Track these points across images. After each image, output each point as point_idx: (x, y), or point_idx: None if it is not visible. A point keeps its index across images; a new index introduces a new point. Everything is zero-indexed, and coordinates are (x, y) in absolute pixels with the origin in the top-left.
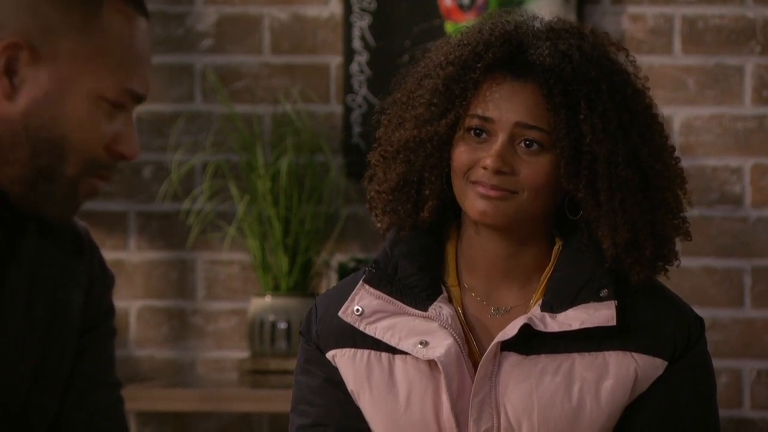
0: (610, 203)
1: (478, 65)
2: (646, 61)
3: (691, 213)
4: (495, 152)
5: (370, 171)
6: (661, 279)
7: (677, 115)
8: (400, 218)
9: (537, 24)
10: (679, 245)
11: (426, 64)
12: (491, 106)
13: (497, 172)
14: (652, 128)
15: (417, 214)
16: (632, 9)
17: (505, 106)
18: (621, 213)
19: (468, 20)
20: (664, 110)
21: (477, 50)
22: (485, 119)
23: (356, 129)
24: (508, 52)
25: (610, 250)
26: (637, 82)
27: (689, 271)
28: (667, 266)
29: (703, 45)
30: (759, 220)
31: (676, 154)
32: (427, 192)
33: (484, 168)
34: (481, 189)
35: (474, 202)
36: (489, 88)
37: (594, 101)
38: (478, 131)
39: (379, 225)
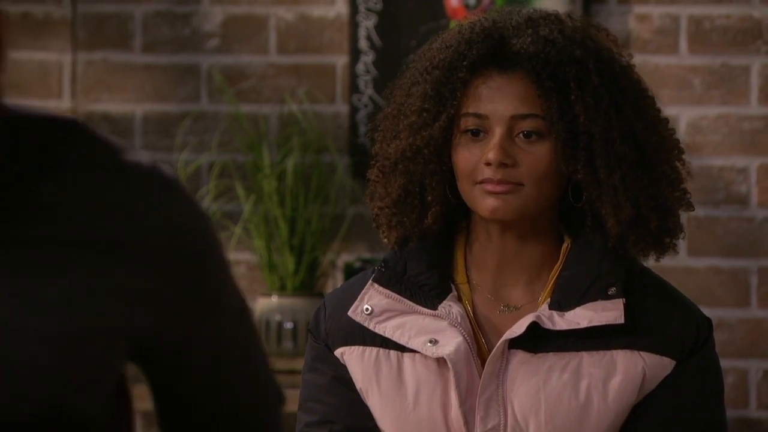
0: (611, 180)
1: (464, 63)
2: (652, 61)
3: (697, 213)
4: (495, 145)
5: (371, 188)
6: (669, 277)
7: (683, 115)
8: (407, 230)
9: (515, 17)
10: (684, 245)
11: (411, 74)
12: (484, 103)
13: (500, 164)
14: (644, 102)
15: (423, 223)
16: (638, 9)
17: (497, 101)
18: (622, 189)
19: None
20: (670, 110)
21: (460, 49)
22: (480, 116)
23: (362, 129)
24: (491, 47)
25: (614, 228)
26: (622, 59)
27: (695, 271)
28: (674, 241)
29: (709, 45)
30: (765, 220)
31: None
32: (429, 198)
33: (487, 164)
34: (488, 186)
35: (484, 202)
36: (478, 85)
37: (583, 81)
38: (475, 132)
39: (386, 240)
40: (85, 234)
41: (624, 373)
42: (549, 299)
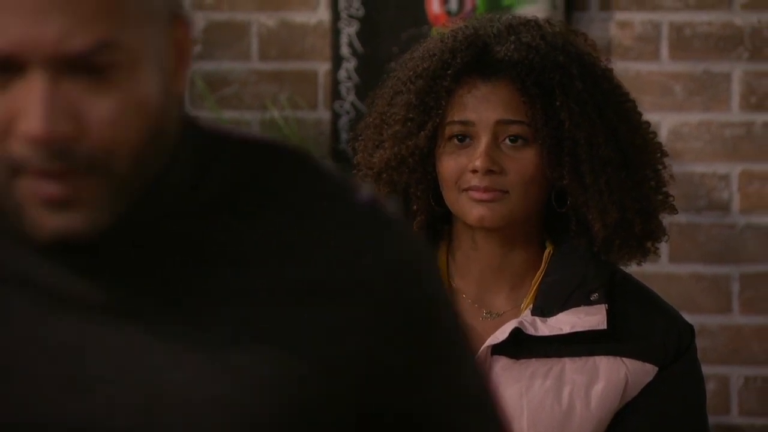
0: (596, 185)
1: (448, 72)
2: (633, 68)
3: (679, 219)
4: (482, 152)
5: None
6: (650, 284)
7: (665, 122)
8: None
9: (496, 24)
10: (665, 252)
11: (394, 83)
12: (469, 110)
13: (487, 171)
14: (626, 105)
15: None
16: (620, 16)
17: (482, 108)
18: (608, 193)
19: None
20: (652, 116)
21: (444, 58)
22: (465, 123)
23: (344, 135)
24: (474, 55)
25: (601, 232)
26: (601, 64)
27: (677, 278)
28: (656, 245)
29: (690, 51)
30: (747, 227)
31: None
32: (414, 207)
33: (474, 171)
34: (474, 194)
35: (471, 209)
36: (463, 94)
37: (567, 86)
38: (460, 137)
39: None
40: (284, 283)
41: (606, 380)
42: (532, 305)
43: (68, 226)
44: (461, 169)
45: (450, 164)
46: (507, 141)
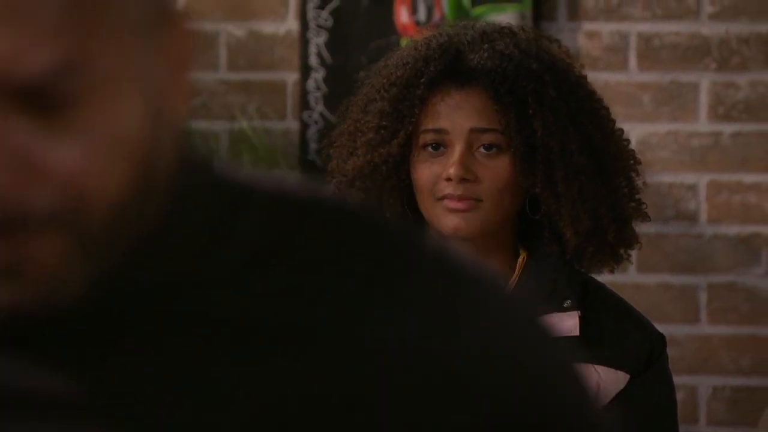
0: (569, 193)
1: (422, 80)
2: (601, 78)
3: (647, 229)
4: (456, 161)
5: None
6: (618, 293)
7: (633, 132)
8: None
9: (470, 32)
10: (634, 262)
11: (368, 91)
12: (443, 118)
13: (461, 180)
14: (600, 113)
15: None
16: (588, 26)
17: (456, 115)
18: (580, 201)
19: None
20: (620, 127)
21: (417, 66)
22: (439, 131)
23: (313, 145)
24: (448, 63)
25: (572, 240)
26: (575, 70)
27: (645, 288)
28: (629, 251)
29: (658, 62)
30: (714, 237)
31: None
32: (387, 215)
33: (448, 179)
34: (449, 203)
35: (446, 220)
36: (436, 102)
37: (541, 94)
38: (434, 145)
39: None
40: (321, 384)
41: None
42: None
43: (19, 298)
44: (435, 178)
45: (424, 173)
46: (481, 149)
